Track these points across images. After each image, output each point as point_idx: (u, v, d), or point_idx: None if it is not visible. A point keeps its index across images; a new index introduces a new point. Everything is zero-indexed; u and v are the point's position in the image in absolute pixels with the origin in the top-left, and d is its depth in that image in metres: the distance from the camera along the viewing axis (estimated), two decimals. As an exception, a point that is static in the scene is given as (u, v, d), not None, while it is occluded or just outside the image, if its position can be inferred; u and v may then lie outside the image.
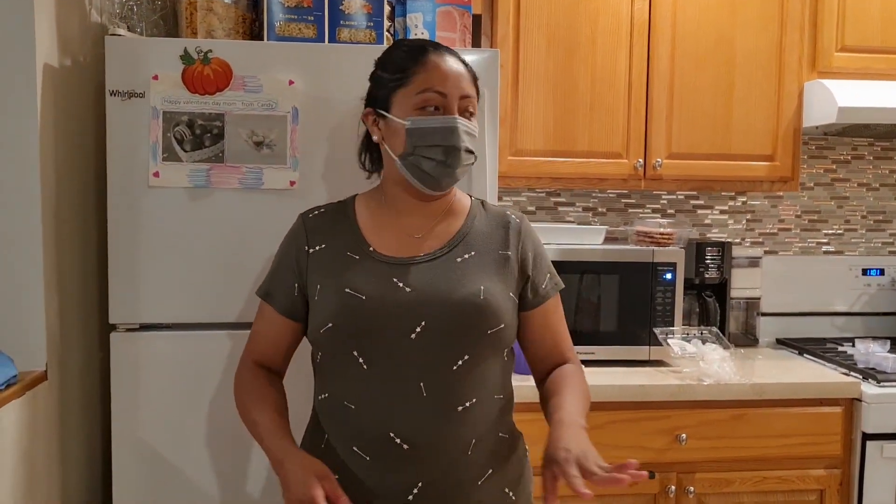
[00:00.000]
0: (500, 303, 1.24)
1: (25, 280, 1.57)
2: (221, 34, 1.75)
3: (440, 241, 1.28)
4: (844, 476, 2.09)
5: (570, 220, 2.60)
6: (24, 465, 1.52)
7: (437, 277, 1.23)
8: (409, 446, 1.18)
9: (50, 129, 1.60)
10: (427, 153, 1.22)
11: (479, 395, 1.23)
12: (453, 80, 1.23)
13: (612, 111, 2.25)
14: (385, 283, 1.22)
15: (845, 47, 2.30)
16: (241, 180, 1.65)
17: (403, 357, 1.19)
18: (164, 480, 1.69)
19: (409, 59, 1.25)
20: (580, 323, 2.23)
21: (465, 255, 1.27)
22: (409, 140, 1.23)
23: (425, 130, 1.22)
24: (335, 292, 1.23)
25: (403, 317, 1.20)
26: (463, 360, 1.21)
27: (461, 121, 1.23)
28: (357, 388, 1.21)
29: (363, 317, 1.20)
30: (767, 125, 2.31)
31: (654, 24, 2.25)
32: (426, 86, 1.23)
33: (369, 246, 1.27)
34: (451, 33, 1.84)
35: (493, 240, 1.30)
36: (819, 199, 2.71)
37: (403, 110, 1.24)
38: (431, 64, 1.24)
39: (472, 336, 1.21)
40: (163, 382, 1.68)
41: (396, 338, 1.19)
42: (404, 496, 1.19)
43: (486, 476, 1.24)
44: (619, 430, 2.00)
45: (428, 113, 1.23)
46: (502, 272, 1.28)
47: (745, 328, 2.60)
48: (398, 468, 1.19)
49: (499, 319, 1.23)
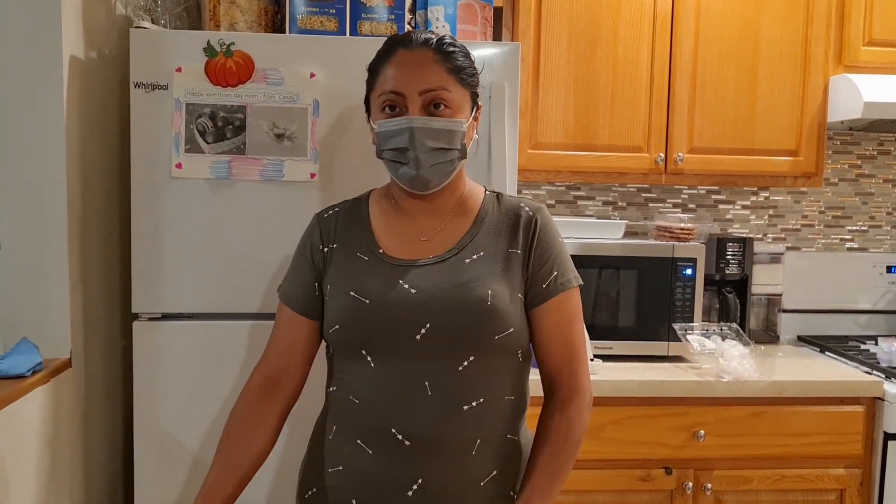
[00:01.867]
0: (508, 306, 1.21)
1: (51, 269, 1.59)
2: (244, 27, 1.76)
3: (449, 242, 1.26)
4: (865, 476, 2.06)
5: (590, 215, 2.59)
6: (48, 450, 1.55)
7: (445, 279, 1.21)
8: (410, 442, 1.17)
9: (75, 120, 1.63)
10: (391, 156, 1.22)
11: (486, 395, 1.20)
12: (413, 76, 1.19)
13: (633, 104, 2.24)
14: (390, 286, 1.21)
15: (872, 41, 2.27)
16: (262, 172, 1.67)
17: (409, 356, 1.19)
18: (184, 467, 1.72)
19: (377, 61, 1.25)
20: (599, 318, 2.22)
21: (473, 256, 1.24)
22: (379, 144, 1.23)
23: (385, 134, 1.21)
24: (342, 295, 1.23)
25: (408, 319, 1.18)
26: (469, 360, 1.19)
27: (418, 120, 1.18)
28: (363, 384, 1.21)
29: (367, 319, 1.20)
30: (791, 120, 2.28)
31: (678, 17, 2.23)
32: (384, 87, 1.21)
33: (379, 248, 1.26)
34: (471, 26, 1.84)
35: (503, 238, 1.26)
36: (843, 195, 2.67)
37: (374, 114, 1.25)
38: (393, 63, 1.21)
39: (479, 340, 1.19)
40: (184, 371, 1.70)
41: (401, 339, 1.19)
42: (404, 491, 1.19)
43: (490, 477, 1.22)
44: (636, 425, 2.00)
45: (387, 115, 1.21)
46: (509, 272, 1.23)
47: (766, 325, 2.58)
48: (399, 464, 1.19)
49: (507, 324, 1.20)
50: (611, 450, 1.98)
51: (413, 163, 1.19)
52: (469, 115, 1.25)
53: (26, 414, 1.46)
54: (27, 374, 1.46)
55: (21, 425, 1.45)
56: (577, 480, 1.91)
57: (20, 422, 1.44)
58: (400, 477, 1.19)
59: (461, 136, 1.22)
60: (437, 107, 1.20)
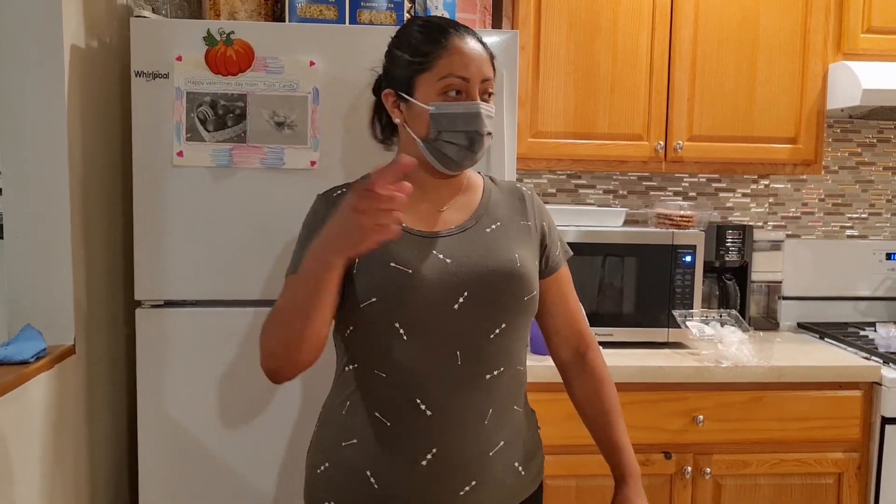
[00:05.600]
0: (531, 269, 1.29)
1: (54, 257, 1.61)
2: (244, 15, 1.77)
3: (465, 214, 1.30)
4: (863, 460, 2.08)
5: (591, 203, 2.60)
6: (52, 435, 1.57)
7: (473, 247, 1.26)
8: (431, 412, 1.20)
9: (77, 109, 1.64)
10: (451, 138, 1.23)
11: (506, 364, 1.26)
12: (475, 64, 1.24)
13: (632, 93, 2.25)
14: (427, 256, 1.23)
15: (871, 28, 2.27)
16: (263, 160, 1.68)
17: (444, 327, 1.21)
18: (188, 453, 1.73)
19: (431, 42, 1.25)
20: (600, 305, 2.24)
21: (492, 226, 1.30)
22: (433, 125, 1.23)
23: (449, 116, 1.23)
24: (380, 266, 1.22)
25: (447, 288, 1.21)
26: (500, 328, 1.24)
27: (483, 106, 1.24)
28: (392, 357, 1.22)
29: (410, 290, 1.20)
30: (791, 107, 2.28)
31: (677, 5, 2.23)
32: (449, 70, 1.23)
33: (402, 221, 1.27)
34: (471, 14, 1.84)
35: (513, 210, 1.34)
36: (843, 183, 2.68)
37: (426, 95, 1.24)
38: (454, 48, 1.23)
39: (511, 303, 1.25)
40: (186, 357, 1.72)
41: (440, 309, 1.21)
42: (419, 461, 1.21)
43: (498, 448, 1.25)
44: (636, 411, 2.01)
45: (450, 98, 1.23)
46: (526, 241, 1.32)
47: (767, 312, 2.59)
48: (417, 434, 1.21)
49: (532, 286, 1.28)
50: (610, 435, 1.99)
51: (477, 145, 1.24)
52: None
53: (30, 400, 1.48)
54: (31, 360, 1.47)
55: (25, 411, 1.47)
56: (576, 465, 1.93)
57: (24, 408, 1.46)
58: (415, 446, 1.21)
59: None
60: (486, 95, 1.27)
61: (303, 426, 1.75)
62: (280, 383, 1.21)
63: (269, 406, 1.74)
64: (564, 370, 1.43)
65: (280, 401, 1.74)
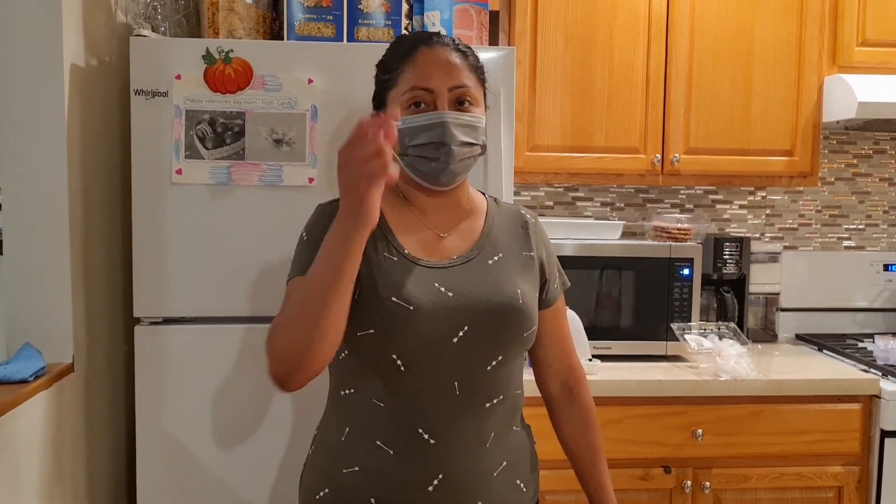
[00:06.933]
0: (532, 304, 1.27)
1: (53, 274, 1.61)
2: (242, 33, 1.78)
3: (467, 243, 1.28)
4: (863, 473, 2.08)
5: (589, 215, 2.61)
6: (51, 454, 1.57)
7: (476, 281, 1.24)
8: (435, 441, 1.19)
9: (76, 127, 1.65)
10: (419, 152, 1.22)
11: (505, 391, 1.25)
12: (440, 73, 1.21)
13: (629, 106, 2.26)
14: (428, 289, 1.21)
15: (866, 41, 2.28)
16: (262, 177, 1.69)
17: (443, 360, 1.20)
18: (187, 470, 1.73)
19: (398, 58, 1.25)
20: (598, 318, 2.24)
21: (494, 258, 1.27)
22: (402, 140, 1.23)
23: (413, 129, 1.21)
24: (380, 300, 1.19)
25: (447, 322, 1.20)
26: (497, 360, 1.22)
27: (450, 115, 1.20)
28: (390, 387, 1.21)
29: (409, 326, 1.18)
30: (786, 120, 2.30)
31: (672, 19, 2.25)
32: (412, 83, 1.22)
33: (404, 248, 1.25)
34: (468, 31, 1.85)
35: (516, 240, 1.32)
36: (840, 194, 2.69)
37: (394, 111, 1.23)
38: (417, 60, 1.23)
39: (510, 338, 1.23)
40: (186, 374, 1.72)
41: (439, 343, 1.19)
42: (425, 487, 1.21)
43: (501, 468, 1.26)
44: (635, 425, 2.01)
45: (414, 111, 1.22)
46: (528, 273, 1.30)
47: (765, 324, 2.60)
48: (421, 462, 1.20)
49: (533, 321, 1.26)
50: (610, 449, 1.95)
51: (445, 156, 1.21)
52: (485, 112, 1.28)
53: (29, 419, 1.48)
54: (30, 378, 1.47)
55: (24, 430, 1.46)
56: (575, 480, 1.92)
57: (24, 426, 1.46)
58: (422, 474, 1.21)
59: (483, 130, 1.26)
60: (461, 103, 1.23)
61: (301, 443, 1.74)
62: (290, 391, 1.14)
63: (267, 423, 1.74)
64: (551, 403, 1.42)
65: (278, 418, 1.74)
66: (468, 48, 1.28)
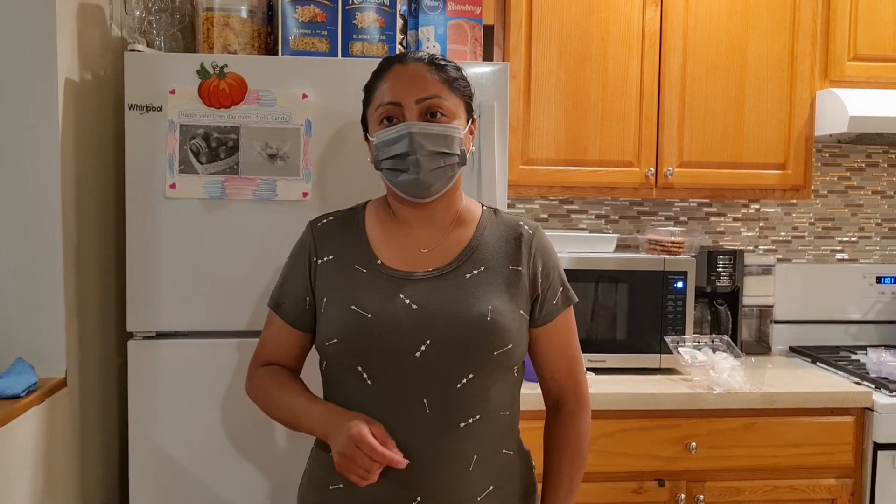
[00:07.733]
0: (508, 322, 1.23)
1: (46, 289, 1.61)
2: (237, 48, 1.78)
3: (449, 255, 1.27)
4: (856, 486, 2.08)
5: (583, 228, 2.61)
6: (43, 470, 1.56)
7: (445, 295, 1.22)
8: (410, 461, 1.18)
9: (70, 141, 1.65)
10: (389, 164, 1.24)
11: (483, 412, 1.22)
12: (407, 86, 1.23)
13: (623, 120, 2.27)
14: (391, 300, 1.21)
15: (857, 56, 2.30)
16: (256, 192, 1.69)
17: (408, 374, 1.19)
18: (180, 485, 1.72)
19: (375, 78, 1.29)
20: (592, 331, 2.24)
21: (474, 271, 1.25)
22: (376, 155, 1.26)
23: (383, 143, 1.24)
24: (341, 308, 1.23)
25: (408, 335, 1.19)
26: (468, 378, 1.20)
27: (416, 125, 1.21)
28: (360, 402, 1.21)
29: (368, 335, 1.20)
30: (779, 134, 2.31)
31: (666, 33, 2.26)
32: (381, 100, 1.25)
33: (377, 259, 1.26)
34: (462, 46, 1.86)
35: (504, 254, 1.28)
36: (833, 207, 2.70)
37: (372, 128, 1.28)
38: (388, 76, 1.26)
39: (478, 356, 1.21)
40: (179, 389, 1.71)
41: (401, 356, 1.19)
42: None
43: (487, 493, 1.24)
44: (629, 438, 2.01)
45: (386, 125, 1.24)
46: (512, 289, 1.26)
47: (759, 336, 2.60)
48: (398, 481, 1.19)
49: (506, 340, 1.22)
50: (604, 462, 2.00)
51: (413, 167, 1.21)
52: (465, 123, 1.28)
53: (22, 434, 1.47)
54: (22, 394, 1.47)
55: (16, 446, 1.46)
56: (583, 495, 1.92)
57: (15, 442, 1.45)
58: (399, 495, 1.20)
59: (459, 141, 1.25)
60: (433, 115, 1.24)
61: (294, 457, 1.73)
62: None
63: (260, 437, 1.74)
64: (548, 412, 1.38)
65: (272, 432, 1.73)
66: (449, 62, 1.28)
